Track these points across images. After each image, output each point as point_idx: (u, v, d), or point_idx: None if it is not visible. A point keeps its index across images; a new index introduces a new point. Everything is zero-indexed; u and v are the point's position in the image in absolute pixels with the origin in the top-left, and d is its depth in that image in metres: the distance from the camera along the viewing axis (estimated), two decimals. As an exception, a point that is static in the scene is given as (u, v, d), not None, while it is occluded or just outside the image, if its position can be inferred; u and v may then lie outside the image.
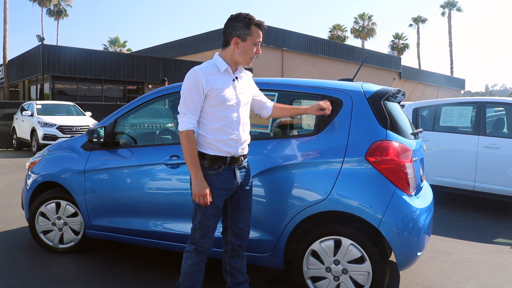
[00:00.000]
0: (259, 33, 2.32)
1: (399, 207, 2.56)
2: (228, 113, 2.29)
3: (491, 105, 5.97)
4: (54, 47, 20.02)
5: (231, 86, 2.32)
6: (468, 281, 3.32)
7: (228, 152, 2.31)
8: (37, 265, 3.40)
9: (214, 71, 2.29)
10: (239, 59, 2.34)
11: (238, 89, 2.36)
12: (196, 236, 2.35)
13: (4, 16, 23.11)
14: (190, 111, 2.24)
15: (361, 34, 43.01)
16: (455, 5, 47.17)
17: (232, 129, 2.31)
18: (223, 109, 2.28)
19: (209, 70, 2.28)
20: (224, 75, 2.31)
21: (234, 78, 2.36)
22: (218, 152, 2.30)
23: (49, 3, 37.87)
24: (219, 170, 2.31)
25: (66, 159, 3.55)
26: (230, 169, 2.35)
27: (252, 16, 2.31)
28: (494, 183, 5.43)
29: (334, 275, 2.67)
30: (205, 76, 2.24)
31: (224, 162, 2.32)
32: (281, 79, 3.14)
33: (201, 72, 2.25)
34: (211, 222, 2.34)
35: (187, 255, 2.39)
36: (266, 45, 24.83)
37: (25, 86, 23.35)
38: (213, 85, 2.25)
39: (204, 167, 2.29)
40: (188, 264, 2.37)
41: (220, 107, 2.27)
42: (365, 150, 2.61)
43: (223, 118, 2.28)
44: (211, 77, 2.26)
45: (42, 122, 11.78)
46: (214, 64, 2.33)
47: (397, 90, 3.08)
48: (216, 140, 2.28)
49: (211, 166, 2.30)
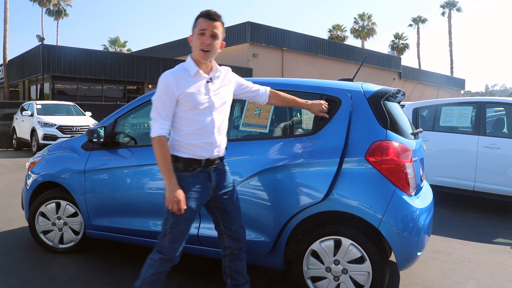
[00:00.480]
0: (205, 22, 2.20)
1: (399, 207, 2.56)
2: (201, 117, 2.23)
3: (491, 105, 5.98)
4: (54, 47, 20.01)
5: (203, 89, 2.24)
6: (468, 281, 3.32)
7: (202, 155, 2.26)
8: (37, 265, 3.40)
9: (185, 74, 2.23)
10: (195, 55, 2.25)
11: (212, 91, 2.28)
12: (165, 243, 2.22)
13: (5, 16, 23.12)
14: (162, 116, 2.19)
15: (361, 34, 42.99)
16: (455, 5, 47.14)
17: (206, 132, 2.24)
18: (196, 113, 2.21)
19: (180, 74, 2.22)
20: (196, 78, 2.24)
21: (208, 80, 2.28)
22: (192, 155, 2.24)
23: (48, 3, 37.85)
24: (194, 172, 2.25)
25: (66, 159, 3.55)
26: (205, 171, 2.29)
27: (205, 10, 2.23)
28: (494, 183, 5.43)
29: (334, 275, 2.67)
30: (176, 80, 2.19)
31: (199, 165, 2.26)
32: (281, 79, 3.14)
33: (171, 76, 2.19)
34: (184, 227, 2.24)
35: (150, 262, 2.25)
36: (266, 45, 24.85)
37: (25, 86, 23.35)
38: (184, 90, 2.18)
39: (179, 170, 2.23)
40: (150, 273, 2.23)
41: (193, 112, 2.21)
42: (365, 150, 2.61)
43: (196, 122, 2.22)
44: (182, 81, 2.20)
45: (42, 122, 11.78)
46: (185, 68, 2.26)
47: (397, 90, 3.08)
48: (190, 144, 2.23)
49: (186, 168, 2.24)
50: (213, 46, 2.22)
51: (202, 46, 2.19)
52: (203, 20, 2.20)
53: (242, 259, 2.52)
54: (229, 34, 25.05)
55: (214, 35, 2.22)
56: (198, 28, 2.21)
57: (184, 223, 2.24)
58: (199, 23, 2.21)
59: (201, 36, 2.20)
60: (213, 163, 2.32)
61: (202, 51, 2.21)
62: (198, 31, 2.20)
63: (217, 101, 2.29)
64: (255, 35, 24.35)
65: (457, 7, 47.19)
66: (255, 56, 24.35)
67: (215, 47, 2.24)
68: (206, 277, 3.25)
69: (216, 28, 2.21)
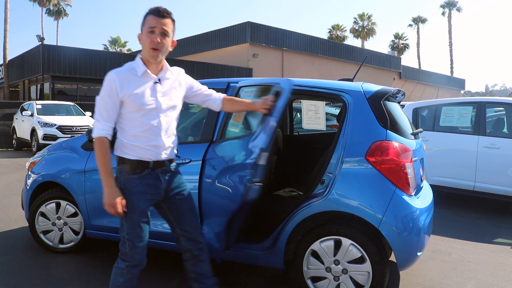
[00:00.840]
0: (153, 20, 2.10)
1: (399, 207, 2.56)
2: (148, 119, 2.14)
3: (491, 105, 5.98)
4: (54, 47, 20.01)
5: (150, 90, 2.14)
6: (468, 281, 3.32)
7: (149, 158, 2.18)
8: (37, 265, 3.40)
9: (131, 74, 2.13)
10: (145, 54, 2.15)
11: (160, 92, 2.18)
12: (126, 250, 2.17)
13: (5, 16, 23.12)
14: (103, 117, 2.11)
15: (361, 34, 42.97)
16: (455, 5, 47.12)
17: (152, 135, 2.16)
18: (142, 115, 2.12)
19: (126, 74, 2.12)
20: (143, 78, 2.14)
21: (156, 81, 2.18)
22: (139, 157, 2.16)
23: (48, 3, 37.85)
24: (142, 174, 2.17)
25: (66, 159, 3.55)
26: (154, 173, 2.21)
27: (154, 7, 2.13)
28: (494, 183, 5.43)
29: (334, 275, 2.67)
30: (120, 80, 2.09)
31: (147, 166, 2.18)
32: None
33: (116, 76, 2.09)
34: (140, 230, 2.17)
35: (118, 271, 2.20)
36: (266, 45, 24.84)
37: (25, 86, 23.35)
38: (128, 91, 2.09)
39: (125, 172, 2.16)
40: (119, 281, 2.18)
41: (138, 113, 2.12)
42: (365, 150, 2.61)
43: (142, 124, 2.14)
44: (127, 81, 2.11)
45: (42, 122, 11.78)
46: (133, 67, 2.16)
47: (397, 90, 3.08)
48: (135, 147, 2.15)
49: (133, 170, 2.16)
50: (163, 45, 2.13)
51: (152, 44, 2.10)
52: (152, 18, 2.10)
53: (205, 261, 2.43)
54: (229, 34, 25.05)
55: (164, 32, 2.12)
56: (147, 26, 2.11)
57: (139, 226, 2.16)
58: (148, 20, 2.11)
59: (150, 34, 2.10)
60: (162, 165, 2.24)
61: (152, 50, 2.11)
62: (148, 29, 2.10)
63: (164, 103, 2.19)
64: (255, 35, 24.34)
65: (457, 7, 47.16)
66: (255, 56, 24.34)
67: (166, 45, 2.14)
68: (206, 277, 3.25)
69: (166, 26, 2.12)
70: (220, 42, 25.56)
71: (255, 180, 2.39)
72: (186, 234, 2.35)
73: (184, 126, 4.47)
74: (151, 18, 2.11)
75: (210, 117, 3.04)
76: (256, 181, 2.39)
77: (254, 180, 2.39)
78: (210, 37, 26.13)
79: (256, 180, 2.39)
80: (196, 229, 2.37)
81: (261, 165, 2.38)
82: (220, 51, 25.40)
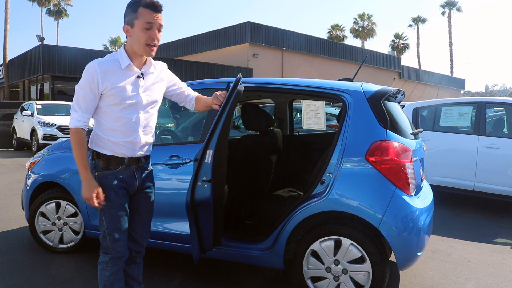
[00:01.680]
0: (150, 15, 2.00)
1: (399, 207, 2.56)
2: (126, 114, 2.08)
3: (491, 105, 5.98)
4: (54, 47, 20.02)
5: (132, 84, 2.08)
6: (468, 281, 3.32)
7: (124, 154, 2.12)
8: (37, 265, 3.40)
9: (114, 66, 2.05)
10: (136, 49, 2.06)
11: (142, 87, 2.12)
12: (107, 244, 2.14)
13: (5, 16, 23.15)
14: (81, 108, 2.04)
15: (361, 34, 42.98)
16: (455, 5, 47.11)
17: (130, 130, 2.10)
18: (121, 109, 2.06)
19: (109, 66, 2.04)
20: (126, 71, 2.07)
21: (139, 75, 2.11)
22: (113, 153, 2.12)
23: (48, 3, 37.87)
24: (117, 170, 2.13)
25: (66, 159, 3.55)
26: (129, 169, 2.16)
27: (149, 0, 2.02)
28: (494, 183, 5.44)
29: (334, 275, 2.67)
30: (103, 72, 2.01)
31: (122, 163, 2.13)
32: (281, 79, 3.14)
33: (98, 67, 2.01)
34: (120, 224, 2.14)
35: (102, 266, 2.17)
36: (266, 45, 24.84)
37: (25, 86, 23.35)
38: (110, 84, 2.02)
39: (100, 167, 2.12)
40: (106, 276, 2.16)
41: (117, 107, 2.05)
42: (365, 150, 2.61)
43: (120, 118, 2.07)
44: (109, 73, 2.02)
45: (42, 122, 11.77)
46: (116, 59, 2.07)
47: (397, 90, 3.08)
48: (110, 141, 2.10)
49: (107, 166, 2.12)
50: (158, 40, 2.07)
51: (150, 41, 2.02)
52: (148, 12, 2.00)
53: (139, 264, 2.38)
54: (229, 34, 25.04)
55: (159, 28, 2.05)
56: (143, 20, 1.99)
57: (118, 220, 2.14)
58: (143, 14, 2.00)
59: (147, 31, 2.01)
60: (137, 162, 2.19)
61: (149, 47, 2.04)
62: (144, 24, 2.00)
63: (145, 98, 2.13)
64: (255, 35, 24.33)
65: (457, 7, 47.17)
66: (255, 56, 24.34)
67: (159, 40, 2.09)
68: (206, 277, 3.25)
69: (161, 20, 2.05)
70: (220, 42, 25.55)
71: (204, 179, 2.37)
72: (134, 234, 2.29)
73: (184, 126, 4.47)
74: (146, 13, 2.00)
75: (210, 117, 3.04)
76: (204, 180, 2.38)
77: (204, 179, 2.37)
78: (210, 37, 26.12)
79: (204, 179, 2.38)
80: (145, 232, 2.34)
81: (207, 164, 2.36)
82: (220, 51, 25.39)
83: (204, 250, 2.54)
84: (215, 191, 2.42)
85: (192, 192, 2.40)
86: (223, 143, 2.43)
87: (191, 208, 2.42)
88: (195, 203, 2.41)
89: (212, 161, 2.36)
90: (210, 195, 2.38)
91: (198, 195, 2.39)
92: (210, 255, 2.99)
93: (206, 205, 2.42)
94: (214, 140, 2.37)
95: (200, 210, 2.45)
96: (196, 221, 2.47)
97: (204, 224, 2.48)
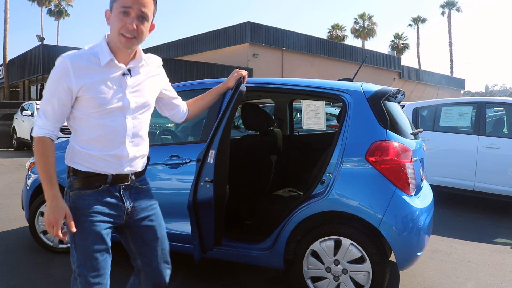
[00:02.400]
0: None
1: (399, 207, 2.56)
2: (110, 121, 1.62)
3: (491, 105, 5.98)
4: (54, 47, 20.02)
5: (116, 83, 1.63)
6: (468, 281, 3.32)
7: (107, 171, 1.67)
8: (37, 265, 3.40)
9: (92, 62, 1.59)
10: (113, 38, 1.62)
11: (130, 87, 1.67)
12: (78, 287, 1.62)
13: (5, 16, 23.15)
14: (47, 115, 1.60)
15: (361, 34, 42.97)
16: (454, 5, 47.10)
17: (113, 141, 1.64)
18: (101, 114, 1.60)
19: (84, 61, 1.58)
20: (108, 68, 1.61)
21: (126, 72, 1.66)
22: (93, 170, 1.66)
23: (48, 3, 37.87)
24: (97, 190, 1.67)
25: (66, 159, 3.55)
26: (114, 189, 1.70)
27: None
28: (494, 183, 5.44)
29: (334, 275, 2.67)
30: (76, 69, 1.55)
31: (104, 181, 1.67)
32: (281, 79, 3.14)
33: (70, 64, 1.55)
34: (96, 262, 1.63)
35: None
36: (266, 45, 24.84)
37: (25, 86, 23.35)
38: (86, 84, 1.56)
39: (75, 187, 1.69)
40: None
41: (97, 113, 1.60)
42: (365, 150, 2.61)
43: (101, 127, 1.62)
44: (85, 71, 1.57)
45: (42, 122, 11.77)
46: (95, 53, 1.61)
47: (397, 90, 3.08)
48: (90, 155, 1.65)
49: (85, 186, 1.67)
50: (140, 31, 1.60)
51: (123, 30, 1.57)
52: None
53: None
54: (229, 34, 25.03)
55: (142, 16, 1.59)
56: (119, 3, 1.56)
57: (93, 257, 1.62)
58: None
59: (122, 16, 1.56)
60: (124, 180, 1.72)
61: (123, 37, 1.58)
62: (120, 8, 1.56)
63: (133, 101, 1.67)
64: (255, 35, 24.34)
65: (456, 7, 47.15)
66: (255, 56, 24.34)
67: (143, 32, 1.61)
68: (206, 277, 3.25)
69: (146, 7, 1.59)
70: (220, 42, 25.55)
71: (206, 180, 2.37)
72: (150, 271, 1.82)
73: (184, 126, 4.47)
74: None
75: (210, 117, 3.04)
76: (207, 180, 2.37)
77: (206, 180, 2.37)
78: (210, 37, 26.12)
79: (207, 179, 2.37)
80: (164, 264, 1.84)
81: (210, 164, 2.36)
82: (220, 51, 25.39)
83: (205, 250, 2.54)
84: (217, 191, 2.42)
85: (195, 193, 2.40)
86: (226, 144, 2.44)
87: (193, 209, 2.42)
88: (197, 203, 2.41)
89: (214, 161, 2.36)
90: (212, 195, 2.39)
91: (200, 196, 2.40)
92: (211, 255, 2.99)
93: (208, 205, 2.42)
94: (216, 141, 2.37)
95: (202, 210, 2.45)
96: (198, 221, 2.46)
97: (206, 224, 2.48)
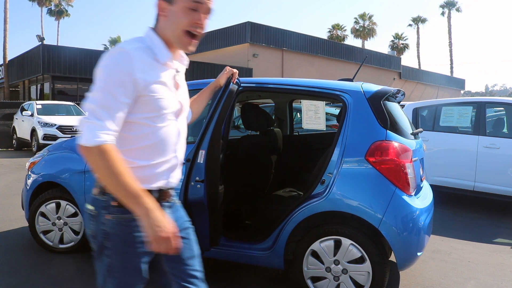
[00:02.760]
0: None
1: (399, 207, 2.56)
2: (164, 125, 1.43)
3: (491, 105, 5.98)
4: (54, 47, 20.04)
5: (171, 84, 1.46)
6: (468, 281, 3.32)
7: (157, 185, 1.45)
8: (37, 265, 3.40)
9: (152, 58, 1.39)
10: (170, 35, 1.42)
11: (180, 88, 1.54)
12: None
13: (5, 16, 23.15)
14: (109, 115, 1.29)
15: (361, 34, 42.97)
16: (454, 5, 47.10)
17: (165, 149, 1.45)
18: (160, 119, 1.41)
19: (146, 56, 1.37)
20: (165, 66, 1.44)
21: (177, 71, 1.52)
22: (144, 185, 1.38)
23: (48, 3, 37.85)
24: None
25: (66, 159, 3.55)
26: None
27: None
28: (494, 183, 5.44)
29: (334, 275, 2.67)
30: (140, 64, 1.34)
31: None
32: (281, 79, 3.14)
33: (135, 55, 1.33)
34: None
35: None
36: (266, 45, 24.84)
37: (25, 86, 23.35)
38: (150, 81, 1.36)
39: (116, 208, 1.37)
40: None
41: (156, 117, 1.40)
42: (365, 150, 2.61)
43: (155, 132, 1.41)
44: (149, 67, 1.37)
45: (42, 122, 11.77)
46: (148, 47, 1.40)
47: (397, 90, 3.08)
48: (140, 168, 1.40)
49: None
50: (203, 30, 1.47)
51: (193, 27, 1.41)
52: None
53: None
54: (229, 34, 25.05)
55: (209, 13, 1.46)
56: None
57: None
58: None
59: (191, 12, 1.39)
60: (167, 195, 1.51)
61: (189, 36, 1.42)
62: (190, 3, 1.38)
63: (185, 103, 1.56)
64: (255, 35, 24.34)
65: (456, 7, 47.14)
66: (255, 56, 24.35)
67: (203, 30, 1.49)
68: (206, 277, 3.25)
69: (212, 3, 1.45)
70: (220, 42, 25.56)
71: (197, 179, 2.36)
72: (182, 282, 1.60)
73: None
74: None
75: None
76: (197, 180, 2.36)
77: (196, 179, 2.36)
78: (210, 37, 26.14)
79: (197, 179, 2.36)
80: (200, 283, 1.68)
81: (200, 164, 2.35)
82: (220, 51, 25.40)
83: (202, 250, 2.54)
84: (209, 191, 2.42)
85: (185, 193, 2.40)
86: (216, 143, 2.43)
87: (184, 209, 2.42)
88: (188, 203, 2.41)
89: (205, 161, 2.36)
90: (203, 195, 2.39)
91: (191, 195, 2.40)
92: (210, 255, 2.99)
93: (200, 205, 2.42)
94: (206, 140, 2.37)
95: (194, 211, 2.44)
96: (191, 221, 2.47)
97: (199, 224, 2.47)
